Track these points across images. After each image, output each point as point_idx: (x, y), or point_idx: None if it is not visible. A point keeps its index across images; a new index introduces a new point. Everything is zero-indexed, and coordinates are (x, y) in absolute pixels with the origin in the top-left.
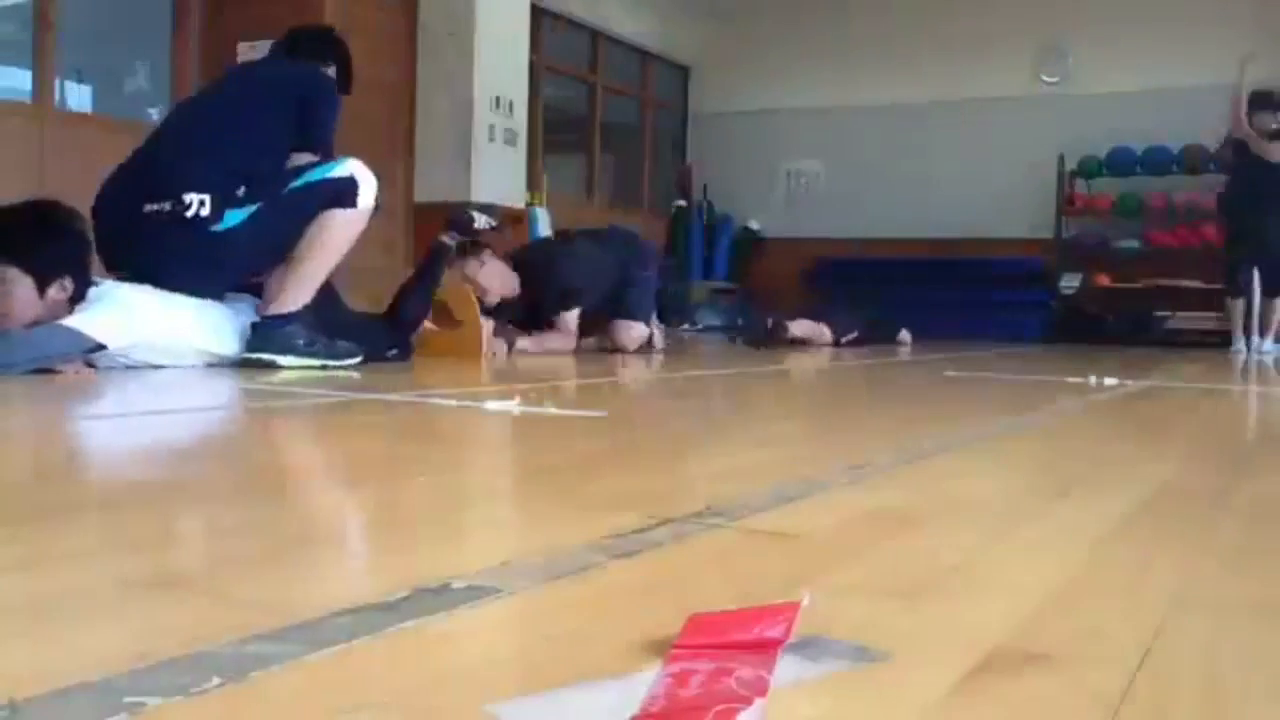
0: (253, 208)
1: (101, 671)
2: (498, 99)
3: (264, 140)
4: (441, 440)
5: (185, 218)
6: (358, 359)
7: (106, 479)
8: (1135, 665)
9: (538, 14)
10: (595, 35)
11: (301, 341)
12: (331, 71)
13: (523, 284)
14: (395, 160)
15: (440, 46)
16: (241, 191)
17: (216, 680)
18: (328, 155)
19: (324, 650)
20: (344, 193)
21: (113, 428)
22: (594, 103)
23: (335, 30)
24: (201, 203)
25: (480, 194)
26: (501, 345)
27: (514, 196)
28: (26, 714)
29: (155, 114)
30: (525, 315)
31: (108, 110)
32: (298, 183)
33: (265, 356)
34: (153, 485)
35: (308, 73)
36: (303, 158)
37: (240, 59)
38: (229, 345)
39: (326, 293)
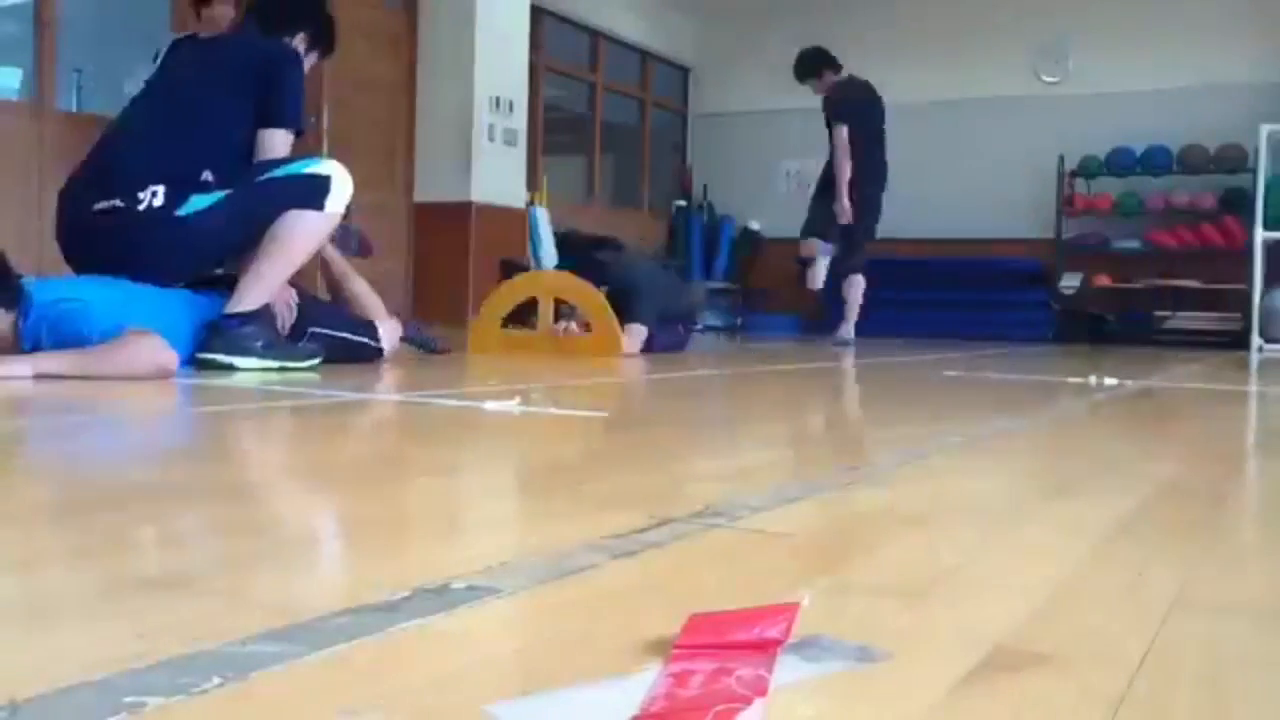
0: (220, 194)
1: (101, 671)
2: (498, 99)
3: (224, 126)
4: (441, 440)
5: (138, 211)
6: (317, 360)
7: (106, 479)
8: (1135, 665)
9: (538, 14)
10: (595, 35)
11: (259, 343)
12: (300, 40)
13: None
14: (395, 160)
15: (440, 46)
16: (209, 177)
17: (216, 680)
18: (293, 125)
19: (324, 650)
20: (315, 191)
21: (112, 428)
22: (594, 103)
23: None
24: (154, 194)
25: (480, 194)
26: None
27: (514, 196)
28: (26, 714)
29: None
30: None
31: (108, 110)
32: (271, 174)
33: (219, 358)
34: (153, 485)
35: (268, 49)
36: (276, 141)
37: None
38: (182, 345)
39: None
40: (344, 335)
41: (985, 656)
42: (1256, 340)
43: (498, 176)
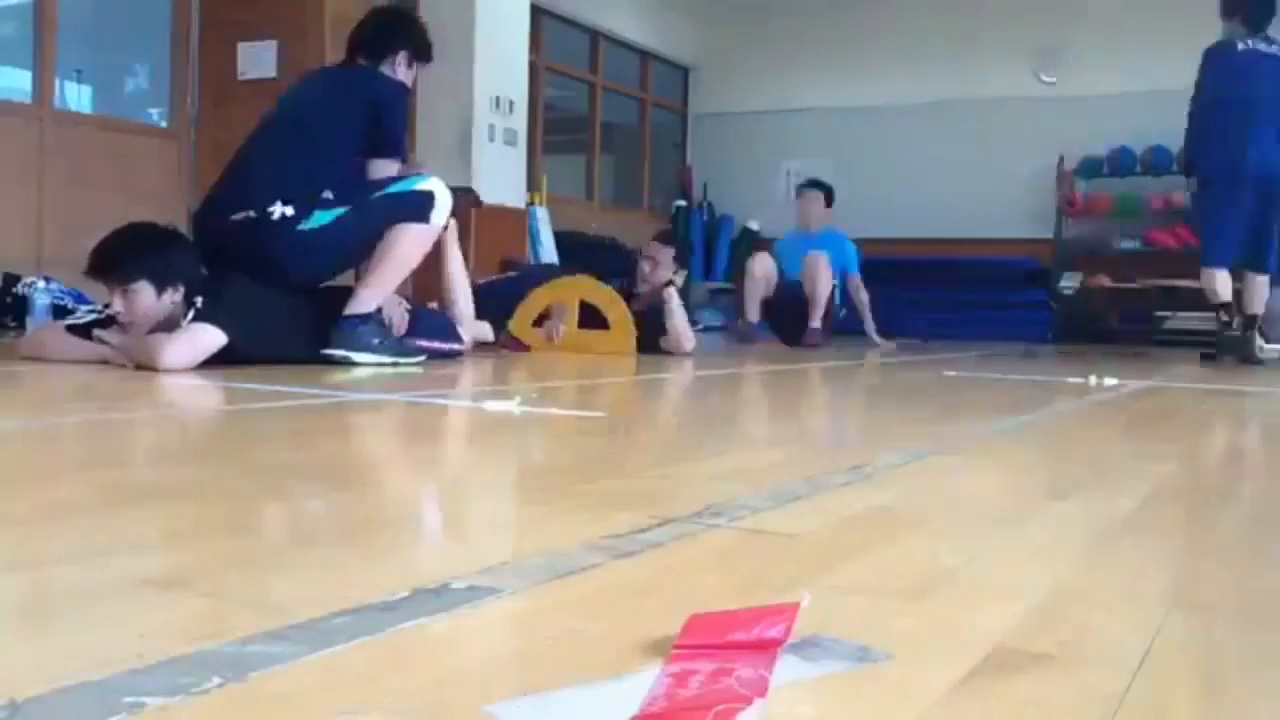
0: (340, 211)
1: (101, 671)
2: (498, 99)
3: (342, 152)
4: (441, 440)
5: (269, 222)
6: (423, 357)
7: (107, 479)
8: (1135, 665)
9: (538, 14)
10: (595, 35)
11: (374, 340)
12: (402, 59)
13: None
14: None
15: (440, 46)
16: (329, 195)
17: (216, 680)
18: (396, 154)
19: (324, 650)
20: (422, 206)
21: (111, 428)
22: (594, 103)
23: (396, 10)
24: (285, 211)
25: (480, 193)
26: None
27: (514, 196)
28: (26, 714)
29: (155, 114)
30: None
31: (107, 110)
32: (383, 192)
33: (340, 353)
34: (153, 485)
35: (379, 87)
36: (384, 166)
37: (240, 59)
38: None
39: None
40: (435, 344)
41: (985, 656)
42: (1256, 341)
43: (498, 176)
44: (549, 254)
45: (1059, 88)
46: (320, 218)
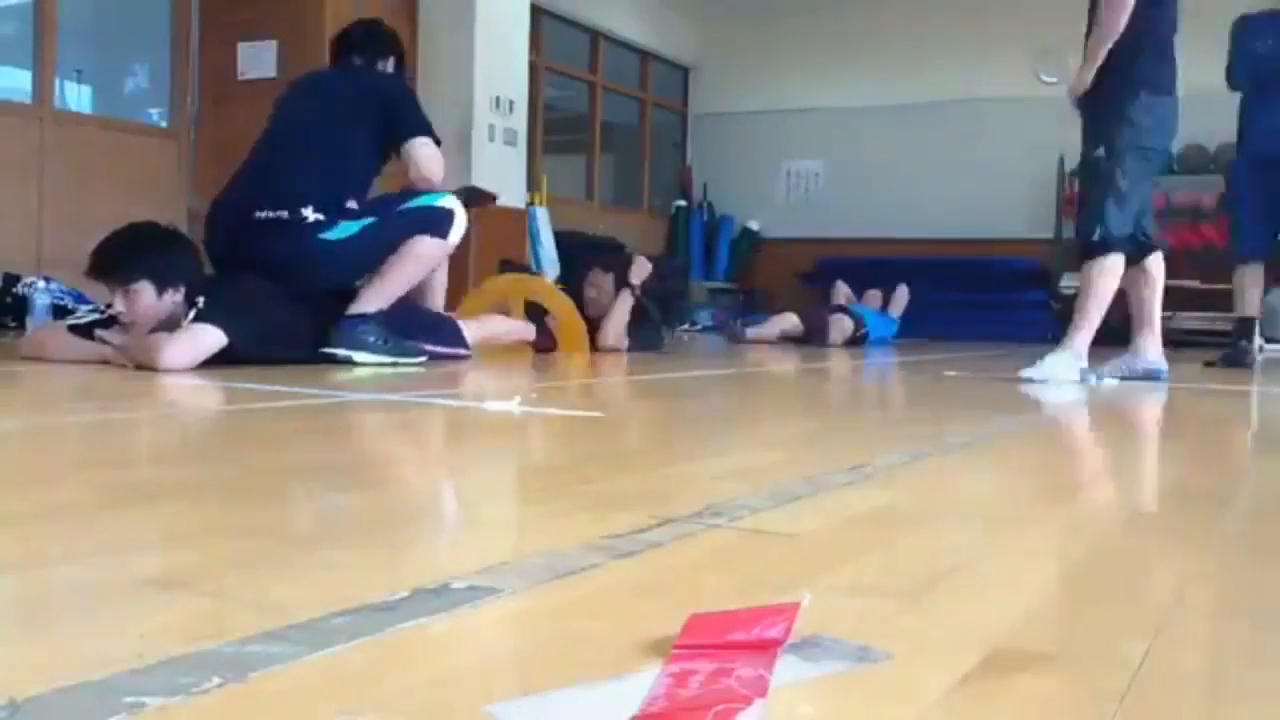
0: (365, 222)
1: (101, 671)
2: (498, 99)
3: (362, 153)
4: (441, 440)
5: (302, 225)
6: (423, 358)
7: (107, 479)
8: (1135, 665)
9: (538, 14)
10: (595, 35)
11: (374, 339)
12: (393, 62)
13: None
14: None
15: (440, 46)
16: (353, 204)
17: (216, 680)
18: (429, 131)
19: (324, 650)
20: (441, 223)
21: (111, 428)
22: (594, 103)
23: (377, 20)
24: (317, 216)
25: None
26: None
27: (514, 196)
28: (26, 714)
29: (155, 114)
30: None
31: (107, 110)
32: (406, 205)
33: (341, 352)
34: (153, 485)
35: (373, 77)
36: (421, 145)
37: (240, 59)
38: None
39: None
40: (440, 349)
41: (985, 656)
42: (1257, 340)
43: (498, 176)
44: (549, 254)
45: (1059, 88)
46: (347, 228)
